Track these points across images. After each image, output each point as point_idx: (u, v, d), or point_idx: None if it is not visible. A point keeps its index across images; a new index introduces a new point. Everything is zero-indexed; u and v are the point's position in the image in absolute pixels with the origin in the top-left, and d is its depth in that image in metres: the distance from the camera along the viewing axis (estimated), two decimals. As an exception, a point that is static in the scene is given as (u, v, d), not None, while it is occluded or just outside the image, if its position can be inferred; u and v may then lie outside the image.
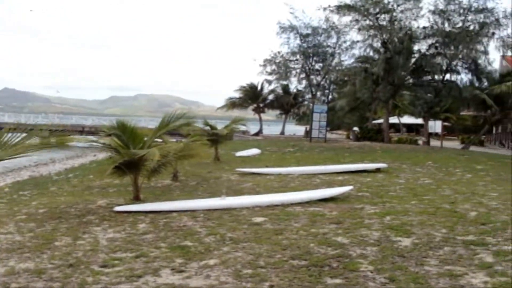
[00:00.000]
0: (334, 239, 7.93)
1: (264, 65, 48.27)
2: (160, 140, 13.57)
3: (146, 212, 10.17)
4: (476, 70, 39.99)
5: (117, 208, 10.51)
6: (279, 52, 48.02)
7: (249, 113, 63.70)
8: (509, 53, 41.85)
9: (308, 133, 46.36)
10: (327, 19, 43.32)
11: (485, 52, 38.88)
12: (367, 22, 39.23)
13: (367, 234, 8.27)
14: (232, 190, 13.45)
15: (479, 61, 39.50)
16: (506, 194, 13.29)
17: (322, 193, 12.21)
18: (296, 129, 71.62)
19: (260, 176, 16.54)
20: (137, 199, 11.75)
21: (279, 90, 61.74)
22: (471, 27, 37.91)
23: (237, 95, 64.67)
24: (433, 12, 38.35)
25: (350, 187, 12.98)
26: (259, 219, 9.40)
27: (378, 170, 18.52)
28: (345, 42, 45.81)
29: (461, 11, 37.78)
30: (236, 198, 11.66)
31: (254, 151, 25.80)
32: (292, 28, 45.57)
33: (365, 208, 10.73)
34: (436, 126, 39.40)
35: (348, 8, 38.70)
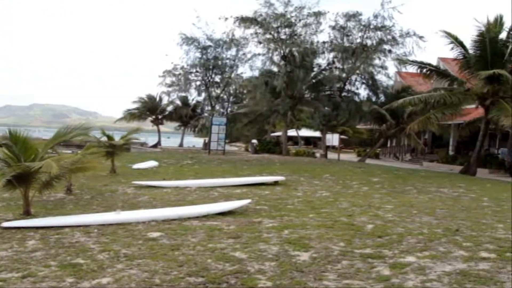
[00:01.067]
0: (232, 255, 7.72)
1: (164, 76, 47.66)
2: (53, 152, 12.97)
3: (37, 228, 9.56)
4: (373, 85, 41.18)
5: (4, 224, 9.82)
6: (178, 64, 47.62)
7: (147, 124, 62.84)
8: (403, 70, 43.38)
9: (207, 145, 46.16)
10: (228, 31, 43.30)
11: (383, 68, 40.15)
12: (268, 35, 39.51)
13: (265, 249, 8.12)
14: (128, 204, 13.00)
15: (376, 77, 40.75)
16: (400, 206, 13.62)
17: (220, 206, 12.00)
18: (195, 141, 71.23)
19: (157, 189, 16.14)
20: (27, 214, 11.06)
21: (178, 102, 61.27)
22: (369, 44, 39.00)
23: (136, 106, 63.72)
24: (333, 28, 39.16)
25: (248, 201, 12.84)
26: (155, 234, 9.06)
27: (276, 183, 18.54)
28: (244, 54, 45.92)
29: (360, 28, 38.82)
30: (132, 212, 11.25)
31: (152, 163, 25.28)
32: (193, 40, 45.25)
33: (263, 221, 10.61)
34: (333, 139, 40.16)
35: (250, 21, 38.83)
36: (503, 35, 30.59)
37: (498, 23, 30.57)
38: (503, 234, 10.01)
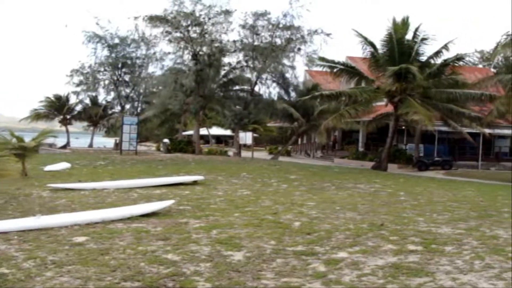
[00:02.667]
0: (165, 257, 7.54)
1: (71, 76, 46.25)
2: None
3: None
4: (283, 83, 41.64)
5: None
6: (86, 63, 46.35)
7: (55, 125, 61.02)
8: (313, 68, 44.03)
9: (118, 146, 45.27)
10: (137, 30, 42.53)
11: (292, 67, 40.64)
12: (178, 34, 39.13)
13: (197, 250, 7.98)
14: (46, 208, 12.47)
15: (287, 75, 41.20)
16: (323, 203, 13.79)
17: (144, 208, 11.74)
18: (105, 142, 69.72)
19: (74, 192, 15.61)
20: None
21: (87, 101, 59.90)
22: (279, 42, 39.35)
23: (42, 106, 61.80)
24: (243, 27, 39.26)
25: (172, 201, 12.63)
26: (80, 239, 8.72)
27: (195, 183, 18.37)
28: (155, 53, 45.25)
29: (270, 27, 39.09)
30: (52, 216, 10.79)
31: (64, 165, 24.47)
32: (100, 38, 44.16)
33: (190, 222, 10.45)
34: (246, 137, 40.29)
35: (160, 20, 38.32)
36: (409, 36, 31.69)
37: (404, 24, 31.62)
38: (425, 227, 10.33)
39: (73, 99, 59.76)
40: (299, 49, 39.37)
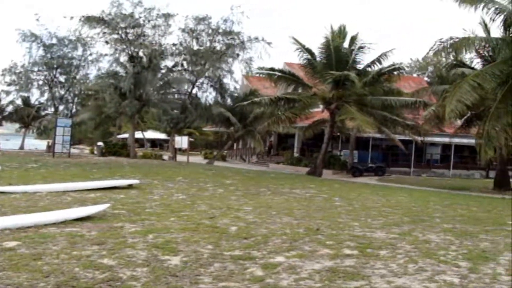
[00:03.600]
0: (100, 262, 7.38)
1: (3, 75, 45.00)
2: None
3: None
4: (221, 88, 41.69)
5: None
6: (20, 62, 45.15)
7: (-17, 126, 59.33)
8: (251, 74, 44.21)
9: (50, 148, 44.28)
10: (74, 30, 41.72)
11: (230, 72, 40.75)
12: (116, 35, 38.66)
13: (133, 254, 7.86)
14: (-26, 211, 12.10)
15: (224, 80, 41.33)
16: (259, 207, 13.83)
17: (78, 212, 11.49)
18: (37, 144, 68.06)
19: (5, 195, 15.15)
20: None
21: (19, 102, 58.38)
22: (218, 47, 39.39)
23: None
24: (183, 30, 39.16)
25: (107, 205, 12.41)
26: (11, 244, 8.44)
27: (130, 186, 18.13)
28: (91, 54, 44.53)
29: (210, 31, 39.13)
30: (-19, 220, 10.46)
31: (-7, 167, 23.80)
32: (36, 37, 43.17)
33: (125, 226, 10.29)
34: (182, 141, 40.00)
35: (97, 20, 37.75)
36: (347, 44, 32.24)
37: (341, 32, 32.16)
38: (360, 232, 10.49)
39: (3, 100, 58.10)
40: (238, 54, 39.54)
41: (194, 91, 42.26)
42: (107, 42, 39.48)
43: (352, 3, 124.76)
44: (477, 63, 29.82)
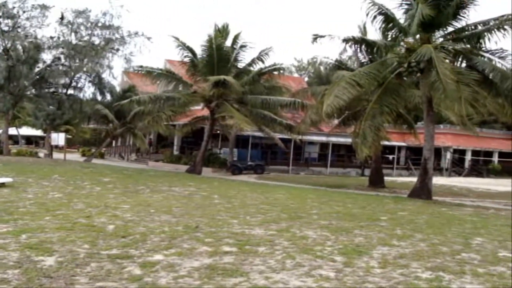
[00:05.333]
0: (-33, 265, 7.03)
1: None
2: None
3: None
4: (100, 84, 40.70)
5: None
6: None
7: None
8: (131, 69, 43.50)
9: None
10: None
11: (109, 67, 39.86)
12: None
13: (4, 256, 7.49)
14: None
15: (103, 76, 40.37)
16: (137, 206, 13.65)
17: None
18: None
19: None
20: None
21: None
22: (97, 42, 38.45)
23: None
24: (61, 23, 37.85)
25: (-24, 204, 11.84)
26: None
27: (3, 185, 17.32)
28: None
29: (89, 25, 38.07)
30: None
31: None
32: None
33: (-5, 226, 9.85)
34: (59, 138, 38.72)
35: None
36: (229, 43, 32.44)
37: (224, 30, 32.34)
38: (239, 229, 10.59)
39: None
40: (117, 49, 38.80)
41: (72, 86, 40.99)
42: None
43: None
44: (354, 64, 30.91)
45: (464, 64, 23.86)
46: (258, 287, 6.52)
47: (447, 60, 22.42)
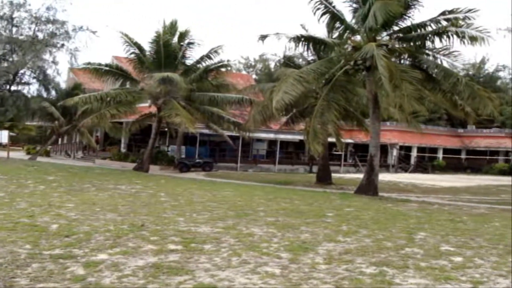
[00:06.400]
0: None
1: None
2: None
3: None
4: (44, 80, 39.80)
5: None
6: None
7: None
8: (76, 66, 42.62)
9: None
10: None
11: (54, 63, 39.04)
12: None
13: None
14: None
15: (48, 72, 39.49)
16: (82, 204, 13.44)
17: None
18: None
19: None
20: None
21: None
22: (41, 36, 37.61)
23: None
24: (1, 18, 36.85)
25: None
26: None
27: None
28: None
29: (32, 19, 37.17)
30: None
31: None
32: None
33: None
34: (2, 136, 37.82)
35: None
36: (177, 39, 32.24)
37: (172, 27, 32.12)
38: (185, 227, 10.54)
39: None
40: (62, 45, 38.01)
41: (15, 82, 40.02)
42: None
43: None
44: (303, 62, 31.06)
45: (408, 63, 24.26)
46: (203, 285, 6.47)
47: (393, 59, 22.82)
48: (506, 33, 28.36)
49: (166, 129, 40.18)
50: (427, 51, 23.78)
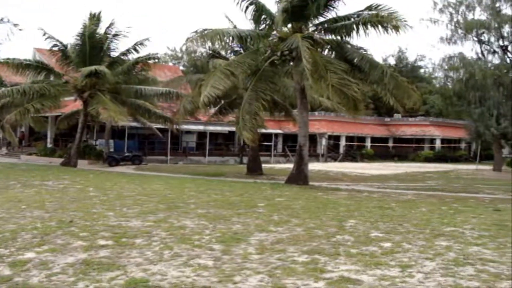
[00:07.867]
0: None
1: None
2: None
3: None
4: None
5: None
6: None
7: None
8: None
9: None
10: None
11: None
12: None
13: None
14: None
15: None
16: (7, 202, 13.17)
17: None
18: None
19: None
20: None
21: None
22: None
23: None
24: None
25: None
26: None
27: None
28: None
29: None
30: None
31: None
32: None
33: None
34: None
35: None
36: (102, 31, 31.69)
37: (98, 19, 31.55)
38: (115, 222, 10.41)
39: None
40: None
41: None
42: None
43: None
44: (231, 54, 30.99)
45: (335, 54, 24.59)
46: (135, 280, 6.38)
47: (319, 49, 23.08)
48: (428, 24, 29.10)
49: (93, 123, 39.42)
50: (351, 43, 24.16)
